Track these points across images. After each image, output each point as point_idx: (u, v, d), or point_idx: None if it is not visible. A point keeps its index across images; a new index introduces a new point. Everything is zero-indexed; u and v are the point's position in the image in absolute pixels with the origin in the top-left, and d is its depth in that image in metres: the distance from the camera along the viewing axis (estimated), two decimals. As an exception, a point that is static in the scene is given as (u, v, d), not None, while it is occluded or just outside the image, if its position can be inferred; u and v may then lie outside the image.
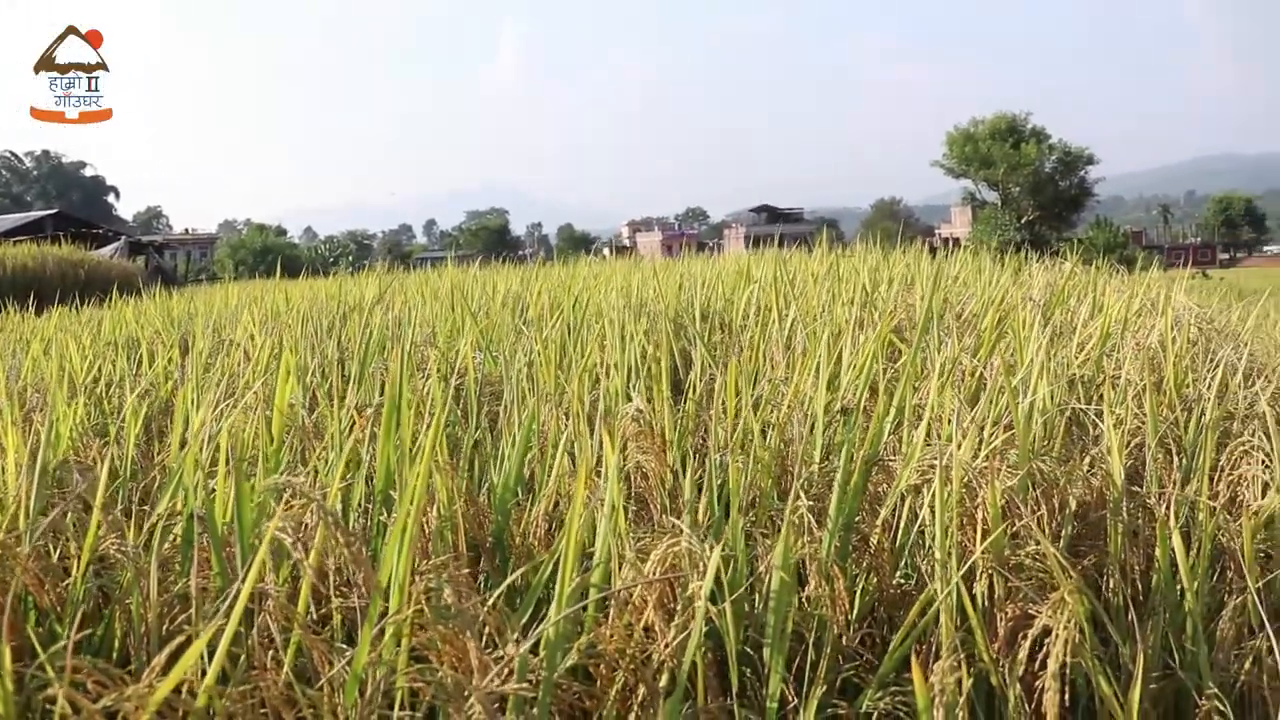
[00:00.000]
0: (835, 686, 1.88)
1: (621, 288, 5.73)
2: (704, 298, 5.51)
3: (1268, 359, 5.80)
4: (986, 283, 5.30)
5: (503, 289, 6.27)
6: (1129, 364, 3.30)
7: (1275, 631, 2.16)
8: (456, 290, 5.96)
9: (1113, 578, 2.20)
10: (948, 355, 3.22)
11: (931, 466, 2.07)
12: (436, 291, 6.18)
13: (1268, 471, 2.42)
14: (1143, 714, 1.94)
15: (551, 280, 6.46)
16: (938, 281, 3.71)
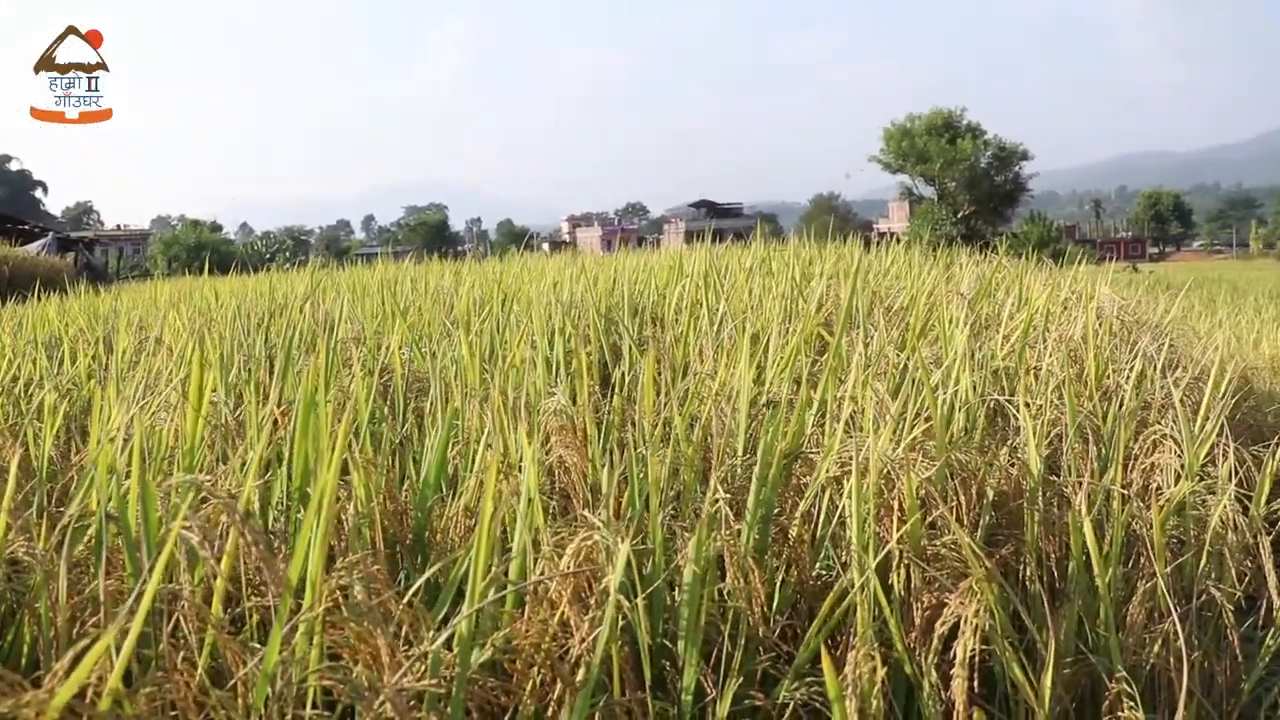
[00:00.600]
0: (756, 678, 1.89)
1: (553, 283, 5.71)
2: (636, 293, 5.51)
3: (1188, 350, 5.92)
4: (916, 276, 5.35)
5: (434, 285, 6.23)
6: (1050, 356, 3.35)
7: (1182, 615, 2.21)
8: (386, 286, 5.91)
9: (1029, 566, 2.24)
10: (873, 348, 3.25)
11: (852, 458, 2.09)
12: (367, 288, 6.13)
13: (1179, 459, 2.47)
14: (1056, 699, 1.98)
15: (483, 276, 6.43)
16: (858, 274, 3.74)
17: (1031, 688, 1.84)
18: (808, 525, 2.16)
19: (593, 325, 3.79)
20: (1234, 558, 2.31)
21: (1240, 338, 11.60)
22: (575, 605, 1.63)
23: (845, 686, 1.57)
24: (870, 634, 1.67)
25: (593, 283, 5.58)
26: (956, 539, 1.85)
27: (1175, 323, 8.63)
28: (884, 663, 1.70)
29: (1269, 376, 8.86)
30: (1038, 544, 2.25)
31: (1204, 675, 2.28)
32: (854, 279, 3.66)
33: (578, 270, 5.92)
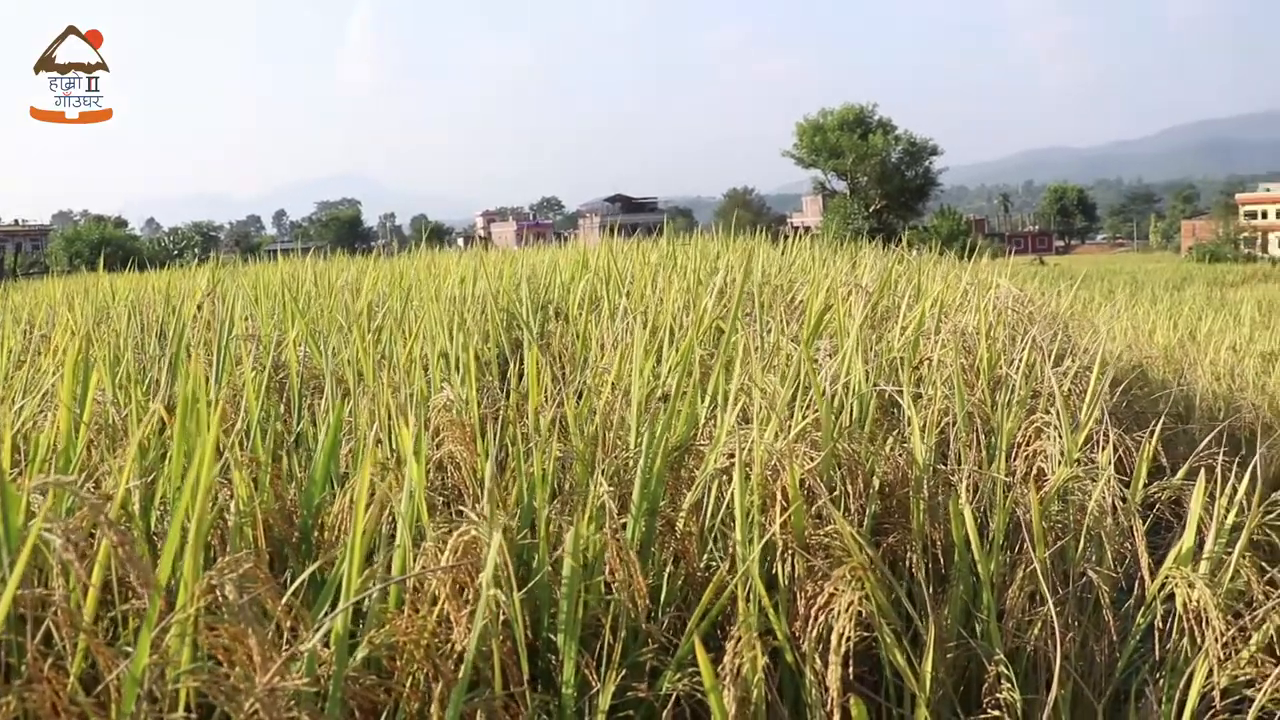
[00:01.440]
0: (645, 670, 1.90)
1: (459, 278, 5.67)
2: (541, 287, 5.50)
3: (1083, 340, 6.07)
4: (819, 270, 5.41)
5: (338, 281, 6.15)
6: (943, 347, 3.41)
7: (1063, 598, 2.26)
8: (287, 283, 5.82)
9: (915, 553, 2.27)
10: (770, 341, 3.28)
11: (742, 451, 2.11)
12: (269, 285, 6.02)
13: (1059, 447, 2.53)
14: (938, 682, 2.02)
15: (388, 271, 6.36)
16: (761, 268, 3.77)
17: (914, 672, 1.88)
18: (696, 518, 2.17)
19: (492, 320, 3.77)
20: (1111, 541, 2.37)
21: (1137, 328, 11.93)
22: (455, 600, 1.62)
23: (723, 676, 1.58)
24: (751, 624, 1.69)
25: (497, 277, 5.55)
26: (839, 528, 1.87)
27: (1073, 314, 8.84)
28: (772, 653, 1.72)
29: (1162, 365, 9.13)
30: (924, 531, 2.29)
31: (1084, 655, 2.34)
32: (751, 271, 3.69)
33: (484, 265, 5.89)
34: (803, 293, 4.82)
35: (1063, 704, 2.12)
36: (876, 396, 2.92)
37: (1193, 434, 6.78)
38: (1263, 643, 2.04)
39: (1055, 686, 1.90)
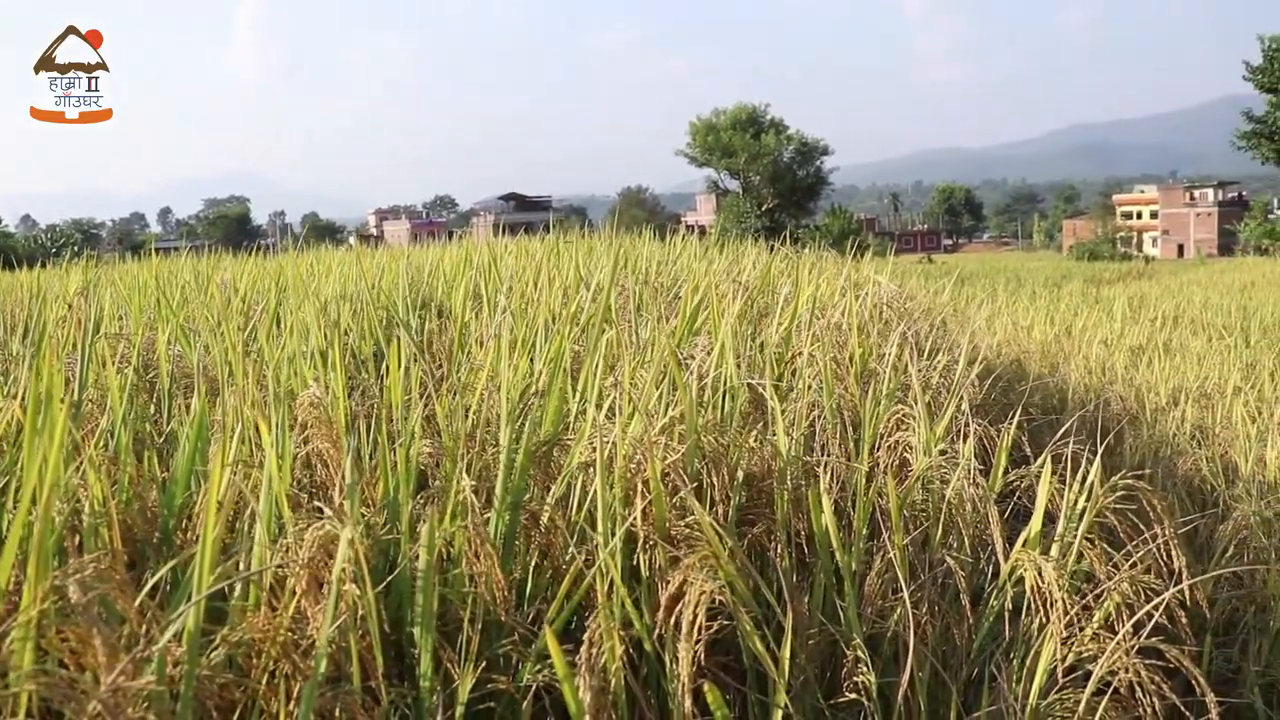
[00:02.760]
0: (510, 662, 1.91)
1: (341, 276, 5.61)
2: (425, 285, 5.47)
3: (960, 336, 6.23)
4: (698, 267, 5.47)
5: (217, 279, 6.03)
6: (816, 342, 3.47)
7: (923, 583, 2.33)
8: (166, 280, 5.70)
9: (779, 543, 2.32)
10: (645, 336, 3.32)
11: (607, 443, 2.13)
12: (146, 282, 5.88)
13: (918, 437, 2.60)
14: (799, 668, 2.06)
15: (270, 269, 6.25)
16: (632, 266, 3.80)
17: (771, 659, 1.92)
18: (563, 511, 2.19)
19: (367, 318, 3.74)
20: (969, 527, 2.45)
21: (1016, 324, 12.28)
22: (311, 596, 1.62)
23: (579, 667, 1.60)
24: (609, 614, 1.71)
25: (379, 275, 5.50)
26: (698, 519, 1.91)
27: (954, 310, 9.07)
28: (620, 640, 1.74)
29: (1039, 360, 9.41)
30: (788, 522, 2.34)
31: (944, 637, 2.42)
32: (634, 269, 3.72)
33: (362, 263, 5.83)
34: (684, 290, 4.88)
35: (920, 686, 2.18)
36: (751, 391, 2.97)
37: (1064, 425, 7.01)
38: (1104, 619, 2.12)
39: (908, 669, 1.96)
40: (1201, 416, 7.29)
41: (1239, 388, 8.04)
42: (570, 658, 1.65)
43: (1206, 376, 8.66)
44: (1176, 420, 7.05)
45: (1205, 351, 10.38)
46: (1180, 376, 8.60)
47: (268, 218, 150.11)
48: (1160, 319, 14.06)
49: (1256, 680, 3.85)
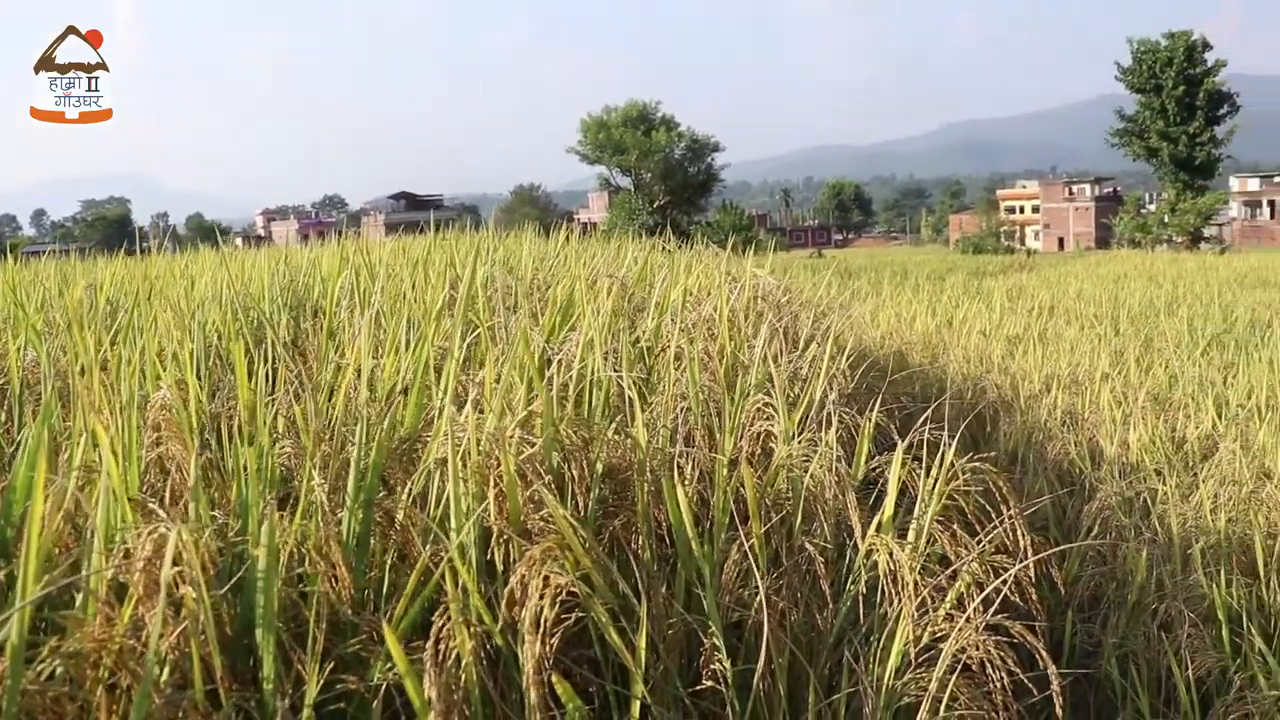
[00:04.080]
0: (363, 662, 1.89)
1: (215, 278, 5.48)
2: (302, 285, 5.38)
3: (843, 328, 6.33)
4: (576, 264, 5.46)
5: (83, 282, 5.85)
6: (684, 335, 3.50)
7: (784, 570, 2.36)
8: (29, 283, 5.52)
9: (641, 534, 2.33)
10: (515, 332, 3.30)
11: (461, 439, 2.12)
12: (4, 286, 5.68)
13: (780, 427, 2.64)
14: (658, 658, 2.08)
15: (139, 272, 6.09)
16: (511, 262, 3.79)
17: (628, 649, 1.93)
18: (422, 508, 2.17)
19: (229, 318, 3.67)
20: (830, 514, 2.49)
21: (900, 316, 12.52)
22: (148, 601, 1.58)
23: (425, 663, 1.59)
24: (459, 610, 1.70)
25: (253, 276, 5.39)
26: (551, 511, 1.91)
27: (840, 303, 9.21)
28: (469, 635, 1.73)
29: (921, 350, 9.62)
30: (649, 513, 2.35)
31: (807, 622, 2.46)
32: (514, 266, 3.70)
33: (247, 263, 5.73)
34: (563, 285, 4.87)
35: (780, 672, 2.21)
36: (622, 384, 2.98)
37: (941, 413, 7.18)
38: (956, 600, 2.18)
39: (764, 655, 1.99)
40: (1072, 402, 7.53)
41: (1107, 374, 8.32)
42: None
43: (1078, 364, 8.94)
44: (1048, 406, 7.27)
45: (1078, 340, 10.70)
46: (1053, 364, 8.86)
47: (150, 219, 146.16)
48: (1037, 309, 14.47)
49: (1114, 652, 3.99)
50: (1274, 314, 14.13)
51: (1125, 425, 6.55)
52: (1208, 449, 6.36)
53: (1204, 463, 5.97)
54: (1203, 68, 66.63)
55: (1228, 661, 3.71)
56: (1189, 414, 7.21)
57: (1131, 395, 7.55)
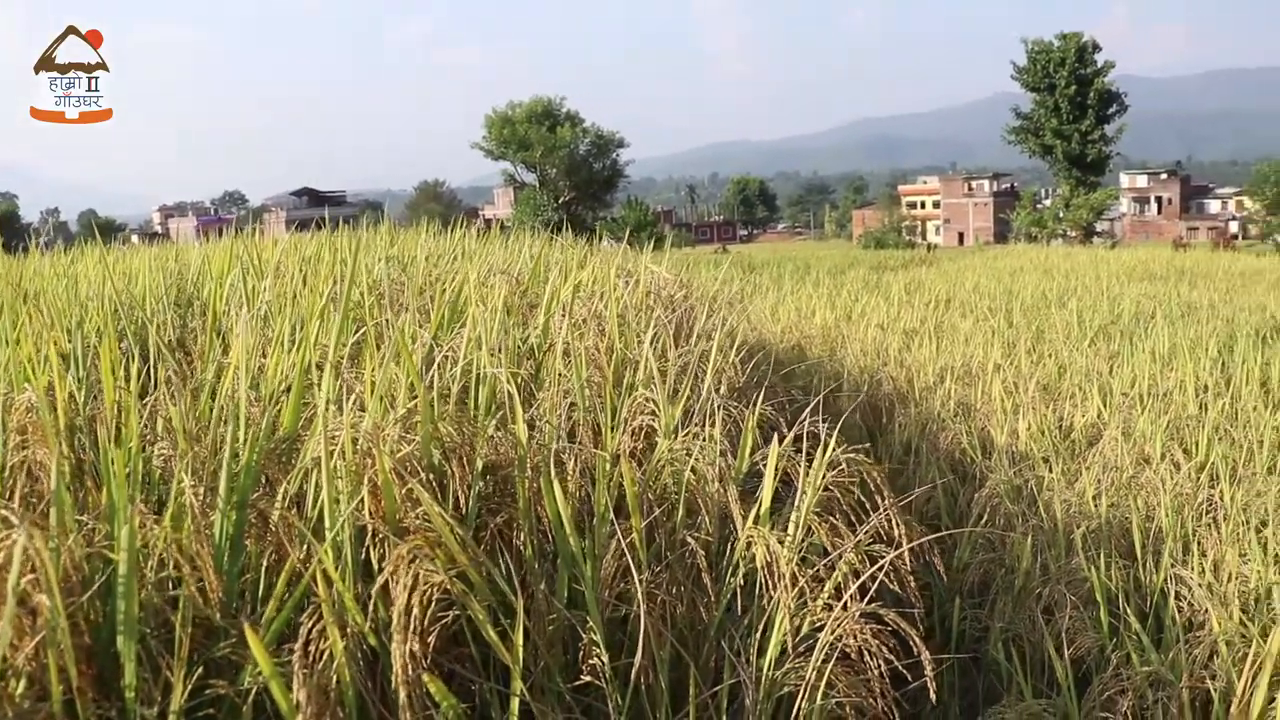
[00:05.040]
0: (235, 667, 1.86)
1: (100, 275, 5.35)
2: (190, 283, 5.27)
3: (741, 322, 6.38)
4: (468, 261, 5.43)
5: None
6: (575, 330, 3.50)
7: (667, 563, 2.38)
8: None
9: (524, 531, 2.33)
10: (405, 330, 3.28)
11: (337, 437, 2.10)
12: None
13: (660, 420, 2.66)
14: (538, 654, 2.08)
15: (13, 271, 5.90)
16: (406, 260, 3.76)
17: (504, 645, 1.93)
18: (299, 510, 2.14)
19: (107, 319, 3.58)
20: (714, 506, 2.52)
21: (800, 310, 12.67)
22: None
23: (294, 664, 1.57)
24: (331, 610, 1.68)
25: (138, 273, 5.27)
26: (426, 509, 1.90)
27: (732, 299, 9.29)
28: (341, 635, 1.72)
29: (820, 344, 9.74)
30: (531, 510, 2.35)
31: (692, 616, 2.48)
32: (409, 263, 3.67)
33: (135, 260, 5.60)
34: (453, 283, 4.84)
35: (662, 665, 2.23)
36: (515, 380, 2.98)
37: (838, 406, 7.29)
38: (833, 589, 2.22)
39: (640, 649, 2.00)
40: (965, 393, 7.70)
41: (999, 365, 8.51)
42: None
43: (972, 356, 9.12)
44: (942, 398, 7.42)
45: (972, 332, 10.93)
46: (948, 356, 9.03)
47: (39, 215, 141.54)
48: (934, 302, 14.74)
49: (1000, 636, 4.10)
50: (1157, 305, 14.59)
51: (1015, 415, 6.72)
52: (1093, 436, 6.55)
53: (1089, 450, 6.14)
54: (1093, 68, 68.58)
55: (1105, 641, 3.83)
56: (1076, 403, 7.41)
57: (1022, 385, 7.75)
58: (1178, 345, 9.60)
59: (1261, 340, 10.43)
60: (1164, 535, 4.72)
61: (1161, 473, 5.41)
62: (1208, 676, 3.31)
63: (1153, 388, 7.76)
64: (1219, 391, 7.68)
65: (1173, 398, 7.48)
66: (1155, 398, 7.43)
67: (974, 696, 4.14)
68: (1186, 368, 8.18)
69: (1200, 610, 3.69)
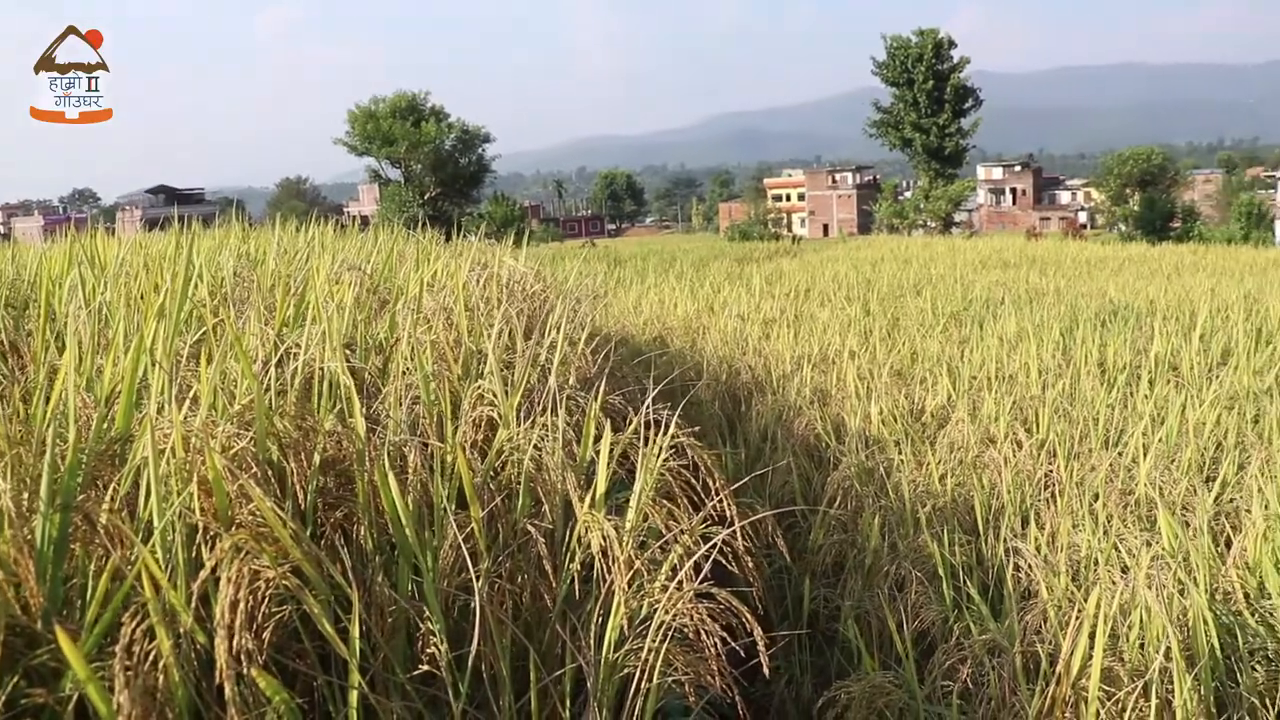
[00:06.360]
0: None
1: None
2: (28, 283, 5.10)
3: (602, 315, 6.43)
4: (317, 258, 5.37)
5: None
6: (423, 324, 3.50)
7: (512, 549, 2.41)
8: None
9: (363, 525, 2.33)
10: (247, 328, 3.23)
11: (167, 436, 2.07)
12: None
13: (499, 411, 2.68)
14: (375, 646, 2.09)
15: None
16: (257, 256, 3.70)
17: (340, 638, 1.93)
18: (130, 511, 2.11)
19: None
20: (557, 494, 2.55)
21: (664, 302, 12.79)
22: None
23: (114, 667, 1.56)
24: (158, 610, 1.67)
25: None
26: (258, 505, 1.89)
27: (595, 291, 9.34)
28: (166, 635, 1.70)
29: (681, 335, 9.86)
30: (371, 503, 2.35)
31: (537, 604, 2.51)
32: (260, 260, 3.61)
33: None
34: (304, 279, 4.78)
35: (503, 652, 2.25)
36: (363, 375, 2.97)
37: (700, 394, 7.40)
38: (669, 571, 2.27)
39: (476, 636, 2.03)
40: (822, 380, 7.88)
41: (854, 352, 8.73)
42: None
43: (829, 344, 9.34)
44: (799, 385, 7.59)
45: (830, 321, 11.18)
46: (806, 345, 9.23)
47: None
48: (794, 292, 15.03)
49: (850, 613, 4.23)
50: (1006, 291, 15.13)
51: (869, 400, 6.90)
52: (943, 419, 6.77)
53: (939, 431, 6.36)
54: (949, 64, 70.72)
55: (949, 613, 3.98)
56: (928, 387, 7.66)
57: (876, 371, 7.97)
58: (1024, 330, 9.98)
59: (1101, 323, 10.91)
60: (1004, 510, 4.93)
61: (1005, 451, 5.63)
62: (1039, 641, 3.48)
63: (1000, 370, 8.06)
64: (1060, 373, 8.02)
65: (1018, 379, 7.78)
66: (1002, 380, 7.72)
67: (829, 674, 4.27)
68: (1031, 351, 8.52)
69: (1036, 579, 3.86)
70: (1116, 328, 10.33)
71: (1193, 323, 10.19)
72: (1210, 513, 4.51)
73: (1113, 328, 10.41)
